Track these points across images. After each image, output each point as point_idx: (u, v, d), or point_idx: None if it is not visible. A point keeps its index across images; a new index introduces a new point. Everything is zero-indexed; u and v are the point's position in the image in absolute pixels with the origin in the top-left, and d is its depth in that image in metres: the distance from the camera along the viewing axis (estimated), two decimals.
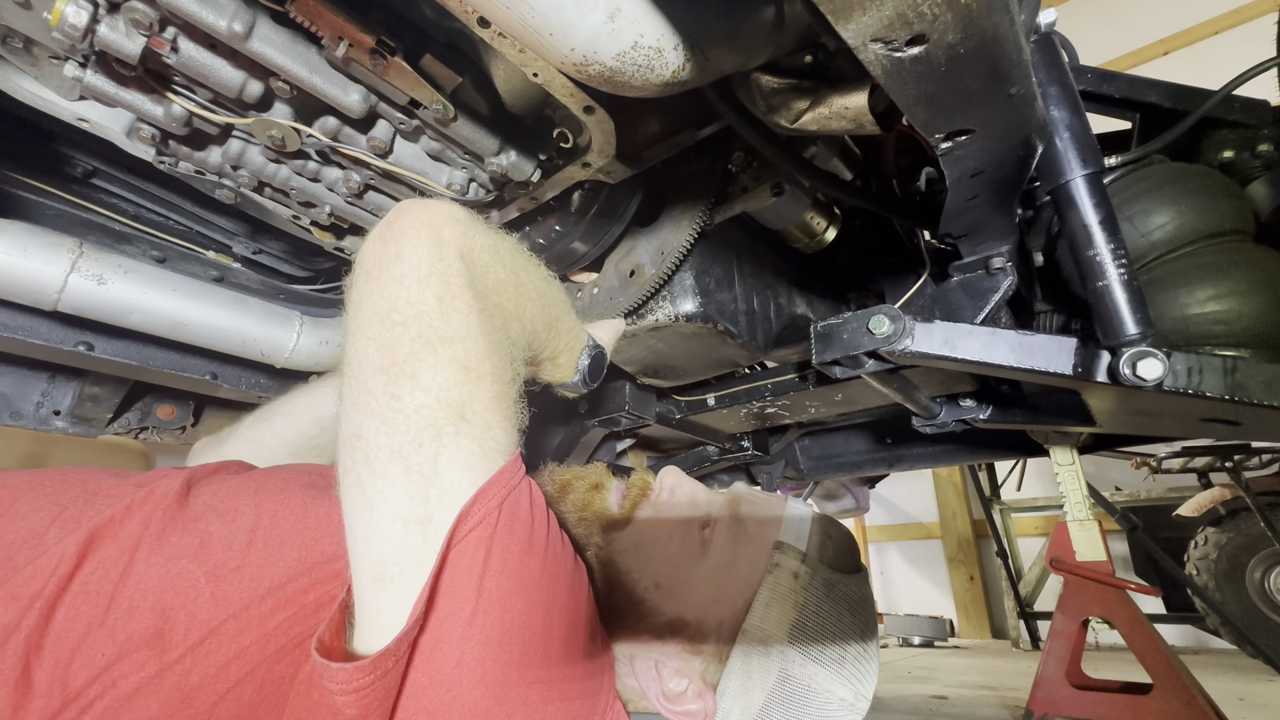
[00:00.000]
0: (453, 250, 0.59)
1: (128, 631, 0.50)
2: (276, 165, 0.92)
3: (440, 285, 0.56)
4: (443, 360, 0.53)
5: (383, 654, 0.43)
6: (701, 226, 1.04)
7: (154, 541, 0.55)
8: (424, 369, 0.52)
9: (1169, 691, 1.58)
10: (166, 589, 0.52)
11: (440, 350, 0.53)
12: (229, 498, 0.61)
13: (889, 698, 2.32)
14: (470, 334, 0.55)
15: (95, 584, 0.52)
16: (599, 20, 0.57)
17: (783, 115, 0.78)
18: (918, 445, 1.73)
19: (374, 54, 0.73)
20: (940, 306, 1.08)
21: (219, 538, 0.56)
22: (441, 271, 0.57)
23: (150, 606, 0.51)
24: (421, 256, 0.57)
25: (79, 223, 1.08)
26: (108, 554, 0.53)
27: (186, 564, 0.54)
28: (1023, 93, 0.64)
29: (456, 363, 0.53)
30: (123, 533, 0.55)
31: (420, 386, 0.51)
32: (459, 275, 0.58)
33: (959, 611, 4.84)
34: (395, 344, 0.53)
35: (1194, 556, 3.24)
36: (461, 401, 0.52)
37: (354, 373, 0.54)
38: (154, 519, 0.57)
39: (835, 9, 0.48)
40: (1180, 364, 0.78)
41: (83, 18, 0.65)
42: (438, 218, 0.60)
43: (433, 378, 0.52)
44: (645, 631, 0.65)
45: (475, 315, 0.57)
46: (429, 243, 0.58)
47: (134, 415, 1.29)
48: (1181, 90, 1.12)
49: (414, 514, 0.47)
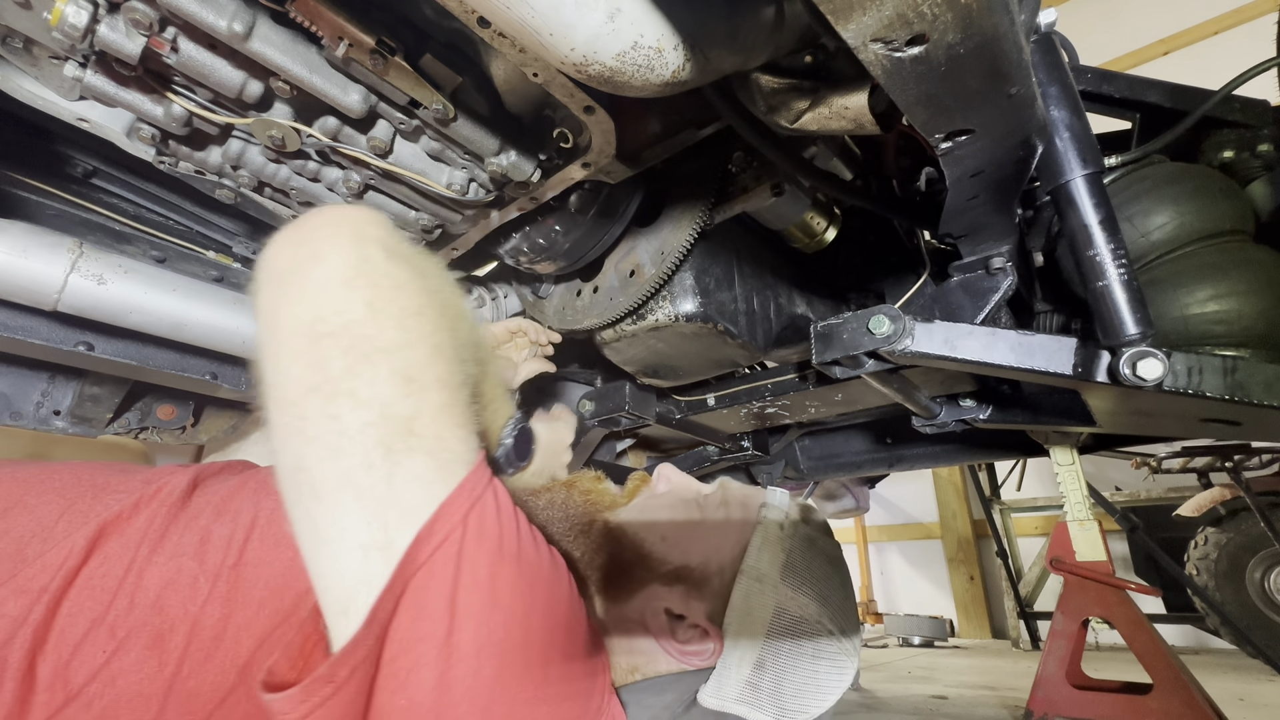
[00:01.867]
0: (378, 248, 0.53)
1: (127, 628, 0.50)
2: (276, 165, 0.92)
3: (369, 288, 0.51)
4: (382, 373, 0.48)
5: (314, 680, 0.42)
6: (701, 226, 1.04)
7: (156, 539, 0.55)
8: (362, 384, 0.48)
9: (1169, 691, 1.58)
10: (166, 587, 0.52)
11: (378, 362, 0.49)
12: (230, 496, 0.61)
13: (889, 698, 2.32)
14: (409, 340, 0.51)
15: (99, 580, 0.52)
16: (599, 20, 0.57)
17: (783, 115, 0.78)
18: (918, 445, 1.73)
19: (374, 54, 0.73)
20: (940, 306, 1.08)
21: (219, 536, 0.56)
22: (369, 273, 0.51)
23: (150, 604, 0.51)
24: (344, 256, 0.51)
25: (79, 223, 1.08)
26: (113, 550, 0.53)
27: (187, 562, 0.53)
28: (1023, 93, 0.64)
29: (398, 374, 0.49)
30: (128, 529, 0.55)
31: (361, 403, 0.47)
32: (388, 276, 0.52)
33: (959, 611, 4.84)
34: (326, 359, 0.48)
35: (1194, 556, 3.24)
36: (409, 415, 0.48)
37: (282, 396, 0.49)
38: (158, 516, 0.56)
39: (835, 9, 0.48)
40: (1180, 364, 0.78)
41: (83, 18, 0.65)
42: (358, 215, 0.55)
43: (373, 393, 0.48)
44: (654, 580, 0.68)
45: (412, 319, 0.52)
46: (351, 241, 0.52)
47: (134, 415, 1.29)
48: (1181, 90, 1.12)
49: (373, 540, 0.45)
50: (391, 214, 1.03)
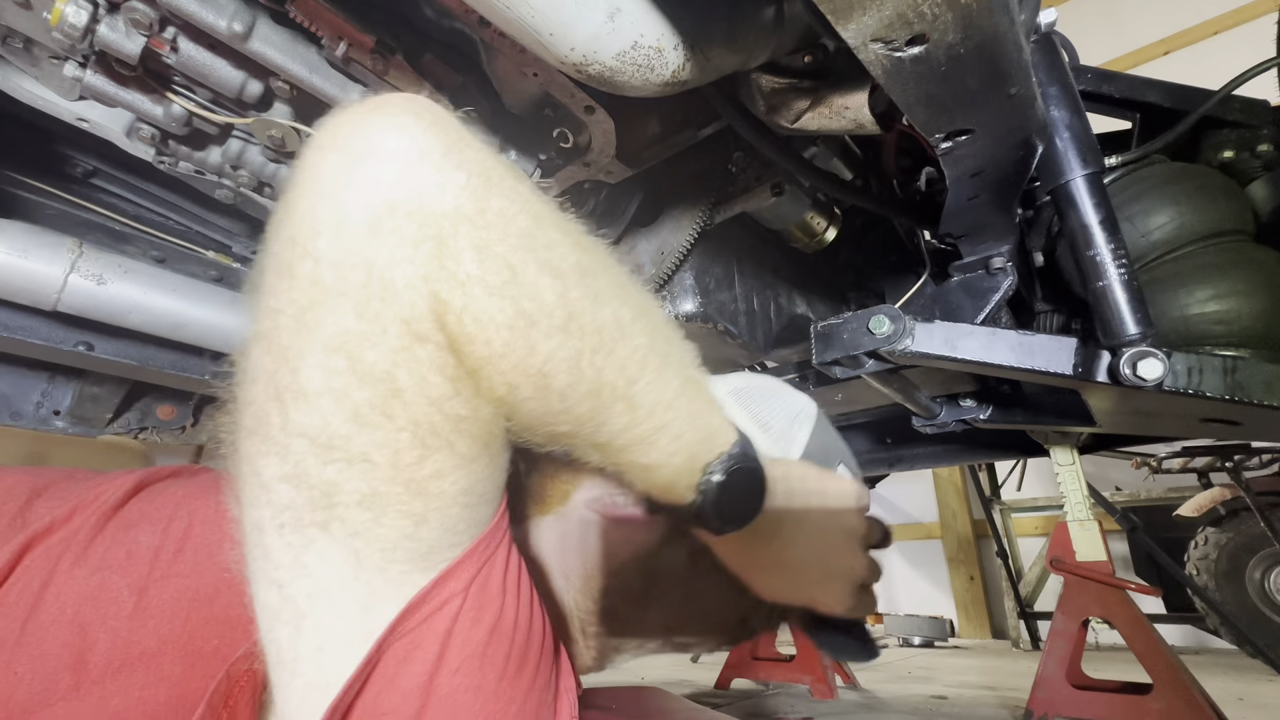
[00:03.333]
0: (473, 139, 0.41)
1: (43, 650, 0.45)
2: (276, 165, 0.92)
3: (476, 175, 0.39)
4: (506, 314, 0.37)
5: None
6: (701, 226, 1.04)
7: (80, 550, 0.49)
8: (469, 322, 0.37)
9: (1169, 691, 1.58)
10: (86, 603, 0.46)
11: (504, 289, 0.37)
12: (165, 503, 0.55)
13: (889, 698, 2.32)
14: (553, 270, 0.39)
15: (15, 597, 0.46)
16: (599, 20, 0.57)
17: (783, 115, 0.78)
18: (918, 445, 1.73)
19: (374, 54, 0.73)
20: (940, 306, 1.08)
21: (147, 547, 0.50)
22: (473, 159, 0.39)
23: (69, 621, 0.46)
24: (436, 131, 0.39)
25: (79, 223, 1.08)
26: (36, 564, 0.48)
27: (110, 575, 0.48)
28: (1023, 93, 0.64)
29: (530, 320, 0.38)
30: (56, 540, 0.50)
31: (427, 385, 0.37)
32: (500, 171, 0.40)
33: (959, 611, 4.83)
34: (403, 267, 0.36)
35: (1194, 556, 3.24)
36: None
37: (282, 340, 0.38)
38: (84, 526, 0.51)
39: (835, 9, 0.48)
40: (1180, 364, 0.78)
41: (82, 17, 0.65)
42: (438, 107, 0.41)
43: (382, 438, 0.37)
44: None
45: (550, 237, 0.40)
46: (438, 119, 0.40)
47: (134, 415, 1.29)
48: (1181, 90, 1.12)
49: (356, 597, 0.38)
50: None
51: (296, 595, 0.37)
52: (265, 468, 0.38)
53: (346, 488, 0.37)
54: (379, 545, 0.38)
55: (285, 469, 0.37)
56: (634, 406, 0.44)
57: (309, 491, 0.37)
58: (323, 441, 0.36)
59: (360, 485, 0.37)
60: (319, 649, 0.37)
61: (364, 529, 0.37)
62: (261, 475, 0.38)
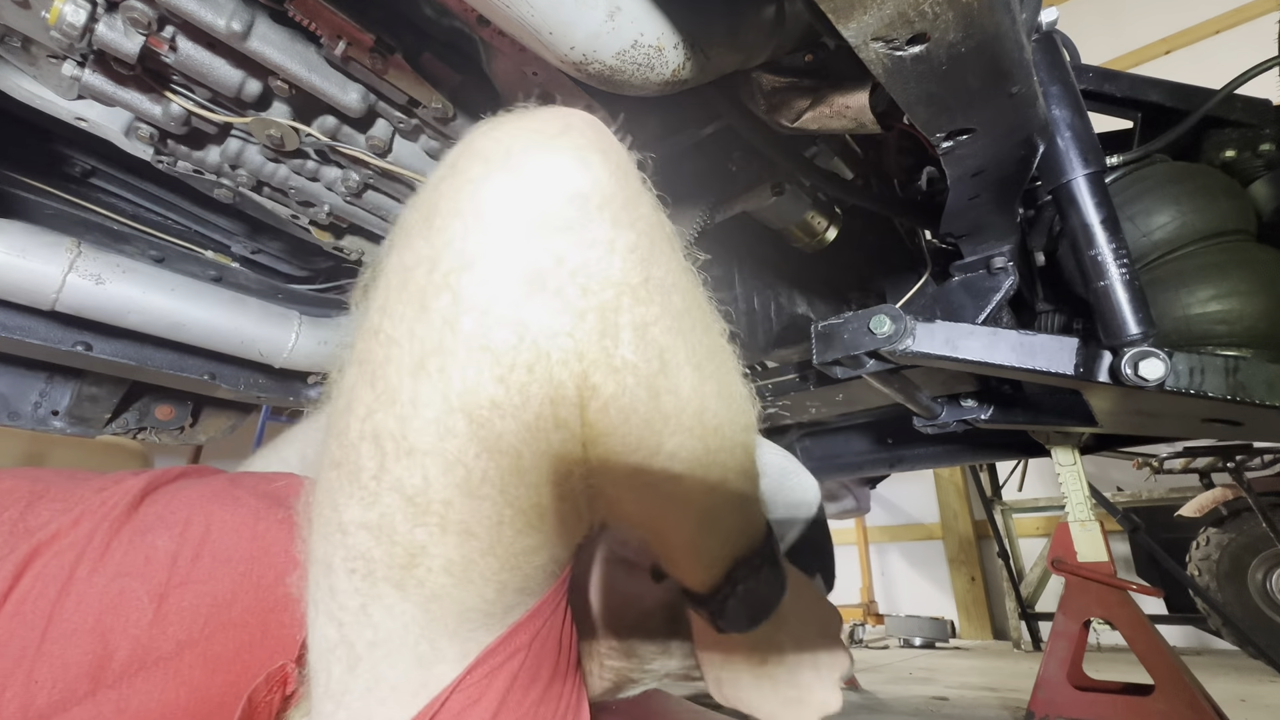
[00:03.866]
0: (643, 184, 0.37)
1: (65, 659, 0.44)
2: (275, 164, 0.92)
3: (641, 234, 0.35)
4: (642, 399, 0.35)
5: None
6: (702, 226, 1.04)
7: (97, 556, 0.48)
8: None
9: (1171, 692, 1.57)
10: (107, 611, 0.46)
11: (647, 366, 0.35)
12: (180, 508, 0.54)
13: (889, 699, 2.31)
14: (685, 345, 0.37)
15: (32, 605, 0.45)
16: (598, 19, 0.56)
17: (783, 114, 0.77)
18: (919, 445, 1.72)
19: (373, 53, 0.73)
20: (941, 306, 1.07)
21: (165, 552, 0.50)
22: (642, 215, 0.36)
23: (90, 629, 0.45)
24: (611, 169, 0.35)
25: (77, 222, 1.08)
26: (48, 570, 0.47)
27: (130, 581, 0.48)
28: (1024, 92, 0.64)
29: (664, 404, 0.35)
30: (65, 546, 0.48)
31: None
32: (661, 228, 0.38)
33: (960, 612, 4.83)
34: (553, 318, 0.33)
35: (1196, 557, 3.23)
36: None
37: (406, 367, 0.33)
38: (99, 531, 0.50)
39: (836, 8, 0.48)
40: (1182, 364, 0.78)
41: (81, 16, 0.65)
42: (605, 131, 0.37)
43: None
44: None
45: (687, 316, 0.38)
46: (613, 153, 0.36)
47: (132, 415, 1.29)
48: (1183, 89, 1.11)
49: (418, 654, 0.36)
50: (392, 214, 1.03)
51: (356, 640, 0.36)
52: (346, 509, 0.35)
53: (435, 552, 0.34)
54: (456, 609, 0.35)
55: (369, 518, 0.34)
56: (715, 511, 0.41)
57: (391, 548, 0.34)
58: (420, 503, 0.33)
59: (452, 554, 0.34)
60: (369, 690, 0.36)
61: (444, 593, 0.35)
62: (341, 515, 0.35)
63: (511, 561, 0.35)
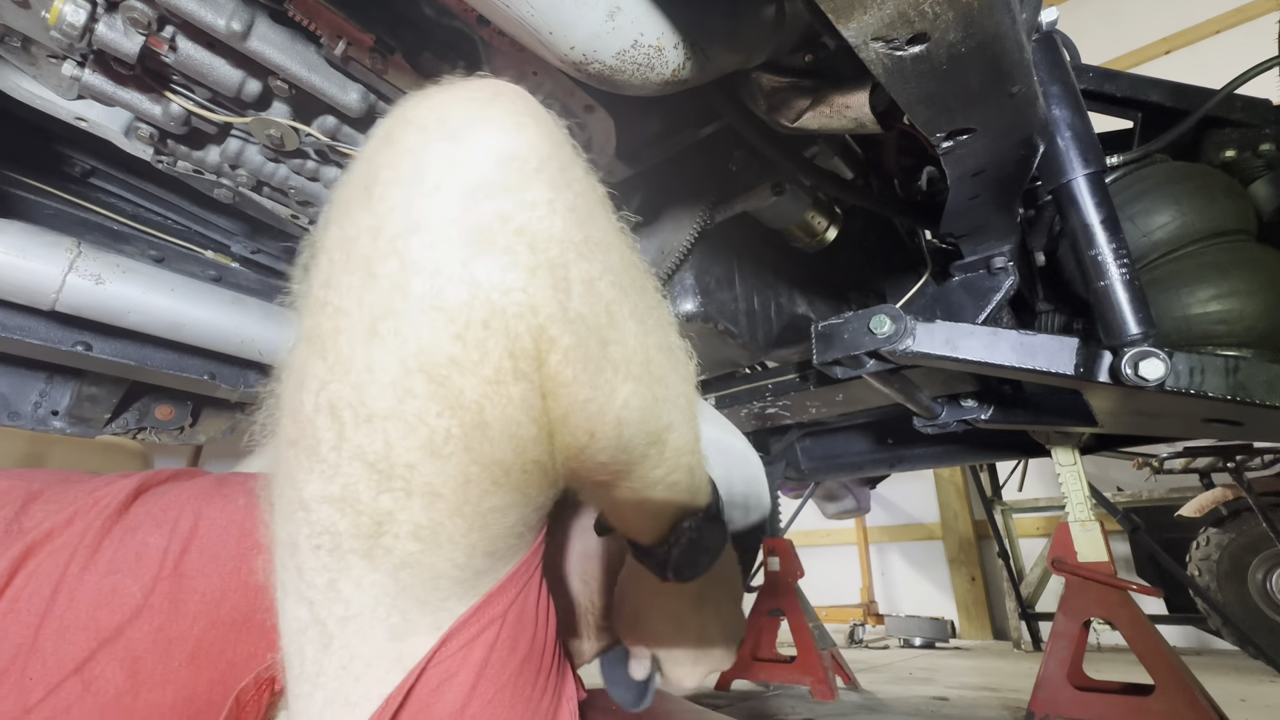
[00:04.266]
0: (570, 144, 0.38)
1: (58, 656, 0.44)
2: (275, 164, 0.92)
3: (575, 193, 0.36)
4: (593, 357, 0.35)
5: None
6: (702, 226, 1.04)
7: (88, 554, 0.48)
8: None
9: (1171, 692, 1.57)
10: (99, 606, 0.46)
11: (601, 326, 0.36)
12: (170, 505, 0.54)
13: (890, 699, 2.31)
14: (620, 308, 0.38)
15: (25, 603, 0.45)
16: (598, 19, 0.56)
17: (783, 114, 0.77)
18: (919, 446, 1.73)
19: (373, 52, 0.73)
20: (941, 306, 1.07)
21: (155, 548, 0.50)
22: (572, 173, 0.37)
23: (83, 626, 0.45)
24: (539, 131, 0.36)
25: (77, 222, 1.08)
26: (42, 569, 0.47)
27: (122, 578, 0.48)
28: (1024, 92, 0.64)
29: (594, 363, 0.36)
30: (59, 545, 0.48)
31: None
32: (591, 189, 0.38)
33: (960, 612, 4.83)
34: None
35: (1196, 557, 3.23)
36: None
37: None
38: (91, 529, 0.50)
39: (836, 8, 0.48)
40: (1182, 364, 0.78)
41: (81, 17, 0.65)
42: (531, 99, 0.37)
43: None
44: None
45: (624, 275, 0.39)
46: (539, 116, 0.37)
47: (132, 415, 1.29)
48: (1183, 89, 1.11)
49: (390, 625, 0.36)
50: None
51: (327, 618, 0.35)
52: (307, 485, 0.34)
53: (401, 518, 0.34)
54: (426, 575, 0.35)
55: (331, 490, 0.34)
56: (665, 457, 0.42)
57: (356, 518, 0.34)
58: (383, 469, 0.33)
59: (418, 518, 0.34)
60: (344, 668, 0.36)
61: (413, 560, 0.35)
62: (302, 493, 0.35)
63: (479, 521, 0.35)
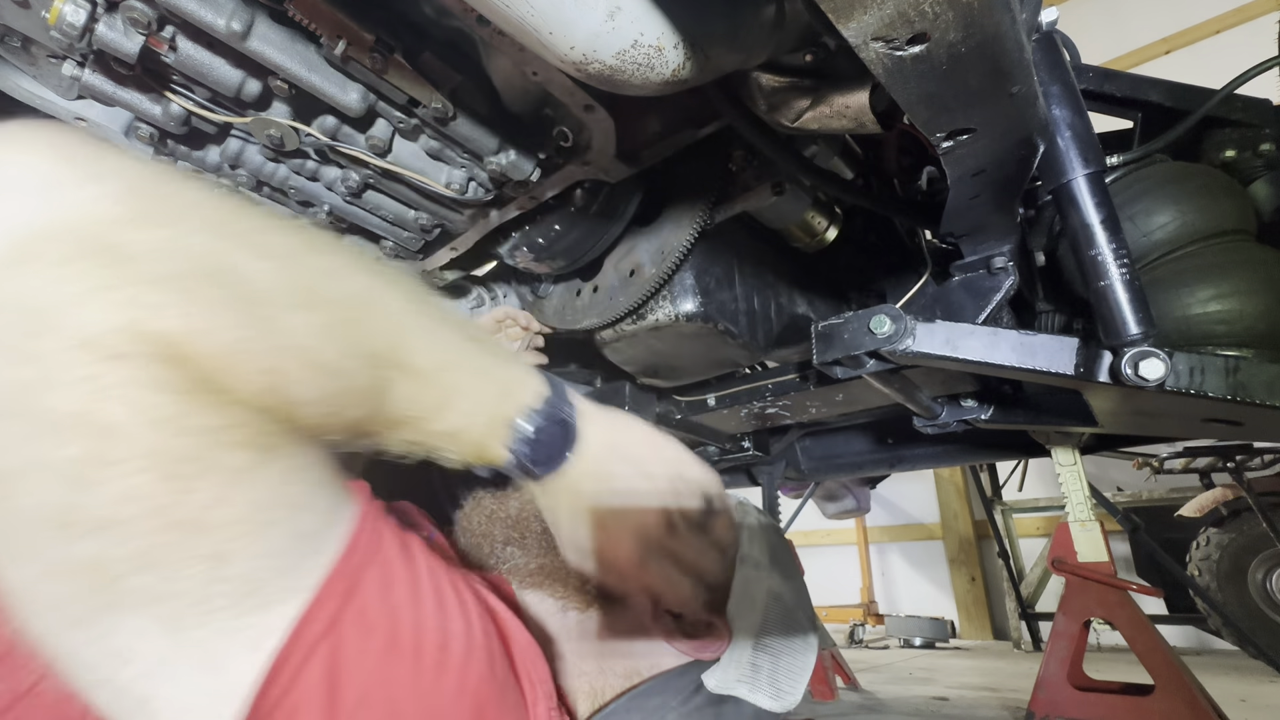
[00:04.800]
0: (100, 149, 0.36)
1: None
2: (275, 164, 0.92)
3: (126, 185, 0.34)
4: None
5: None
6: (702, 226, 1.04)
7: None
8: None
9: (1171, 692, 1.57)
10: None
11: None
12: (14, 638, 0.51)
13: (890, 699, 2.31)
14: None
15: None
16: (598, 19, 0.56)
17: (783, 114, 0.77)
18: (919, 446, 1.73)
19: (373, 52, 0.73)
20: (942, 306, 1.07)
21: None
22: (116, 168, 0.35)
23: None
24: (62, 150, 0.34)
25: None
26: None
27: None
28: (1024, 92, 0.64)
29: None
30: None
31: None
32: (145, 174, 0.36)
33: (960, 612, 4.83)
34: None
35: (1196, 557, 3.23)
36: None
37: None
38: None
39: (836, 7, 0.48)
40: (1182, 364, 0.78)
41: (81, 17, 0.65)
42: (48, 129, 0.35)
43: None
44: None
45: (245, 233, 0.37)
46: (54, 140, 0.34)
47: None
48: (1183, 89, 1.11)
49: (193, 662, 0.32)
50: (391, 213, 1.03)
51: (129, 685, 0.32)
52: (12, 574, 0.31)
53: (111, 556, 0.31)
54: (185, 602, 0.32)
55: (34, 568, 0.31)
56: (413, 372, 0.42)
57: (75, 577, 0.31)
58: (54, 520, 0.30)
59: (122, 550, 0.31)
60: (179, 716, 0.33)
61: (158, 592, 0.31)
62: (14, 584, 0.31)
63: (192, 525, 0.32)
